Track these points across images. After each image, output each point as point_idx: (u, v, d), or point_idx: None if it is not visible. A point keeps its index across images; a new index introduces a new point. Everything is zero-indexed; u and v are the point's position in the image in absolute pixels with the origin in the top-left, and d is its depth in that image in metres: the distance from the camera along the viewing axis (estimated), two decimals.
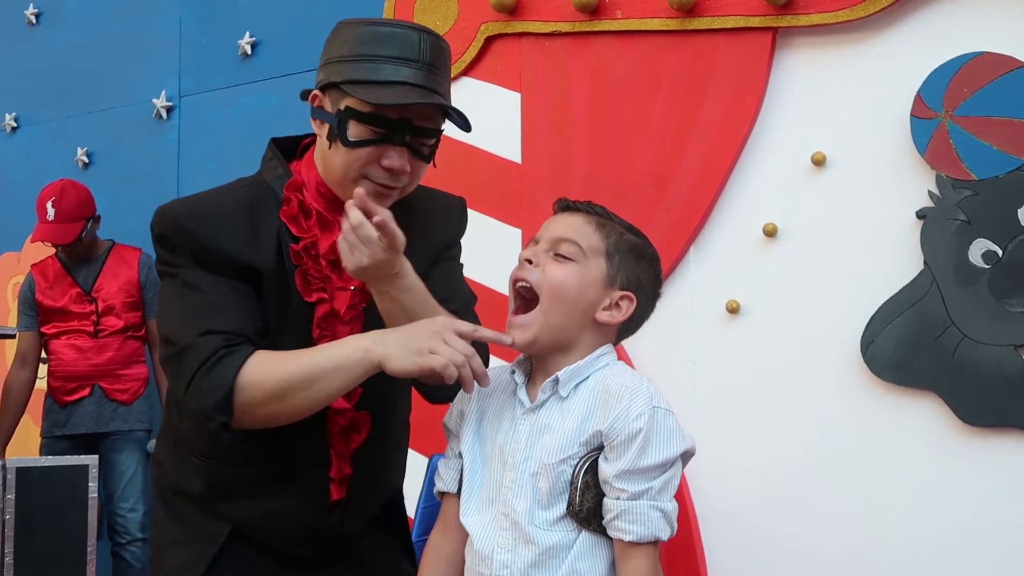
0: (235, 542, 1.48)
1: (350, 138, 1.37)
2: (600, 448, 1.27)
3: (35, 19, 4.35)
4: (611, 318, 1.34)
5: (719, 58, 2.48)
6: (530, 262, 1.34)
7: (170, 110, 3.85)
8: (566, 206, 1.41)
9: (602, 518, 1.26)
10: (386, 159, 1.37)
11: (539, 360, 1.37)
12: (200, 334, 1.33)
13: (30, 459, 3.03)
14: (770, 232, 2.41)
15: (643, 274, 1.37)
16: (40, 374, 3.50)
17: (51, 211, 3.35)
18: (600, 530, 1.27)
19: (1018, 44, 2.16)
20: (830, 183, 2.36)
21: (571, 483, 1.27)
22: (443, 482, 1.41)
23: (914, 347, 2.22)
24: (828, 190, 2.36)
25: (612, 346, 1.38)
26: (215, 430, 1.33)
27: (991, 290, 2.15)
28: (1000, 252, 2.16)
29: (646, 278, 1.38)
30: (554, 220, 1.39)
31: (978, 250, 2.17)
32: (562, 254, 1.34)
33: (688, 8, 2.49)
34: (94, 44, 4.12)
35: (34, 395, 3.51)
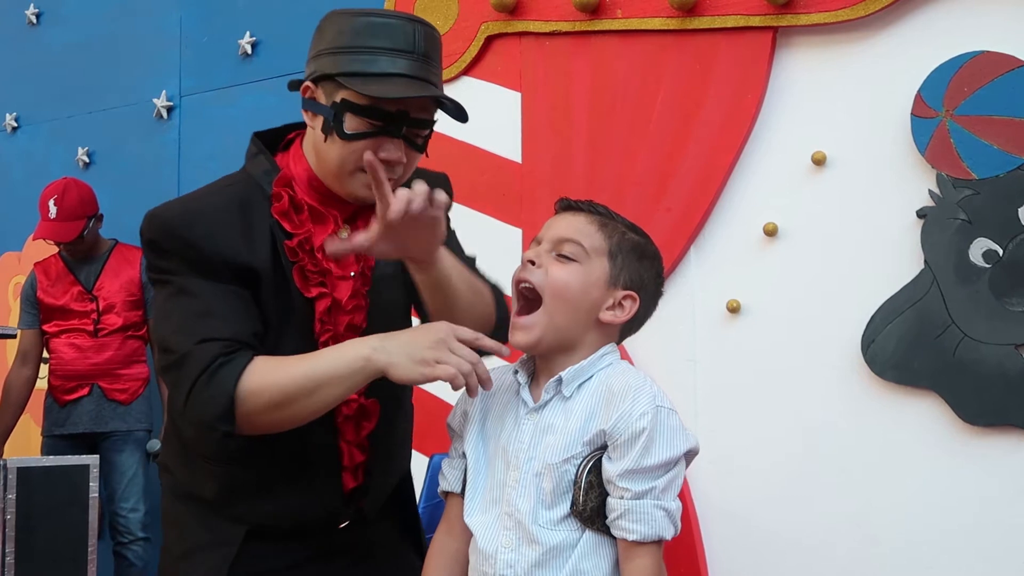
0: (252, 541, 1.46)
1: (346, 131, 1.35)
2: (604, 447, 1.27)
3: (35, 19, 4.34)
4: (614, 318, 1.35)
5: (719, 58, 2.48)
6: (533, 263, 1.34)
7: (170, 110, 3.84)
8: (568, 206, 1.40)
9: (606, 517, 1.26)
10: (383, 151, 1.35)
11: (542, 360, 1.37)
12: (197, 342, 1.31)
13: (31, 459, 3.02)
14: (770, 232, 2.41)
15: (646, 273, 1.37)
16: (42, 373, 3.50)
17: (53, 209, 3.35)
18: (604, 529, 1.27)
19: (1018, 43, 2.16)
20: (830, 183, 2.36)
21: (575, 483, 1.27)
22: (447, 482, 1.41)
23: (914, 346, 2.22)
24: (828, 190, 2.36)
25: (615, 345, 1.38)
26: (219, 438, 1.33)
27: (992, 289, 2.15)
28: (1000, 251, 2.16)
29: (649, 277, 1.38)
30: (556, 220, 1.39)
31: (978, 249, 2.17)
32: (565, 254, 1.34)
33: (688, 8, 2.49)
34: (94, 44, 4.11)
35: (35, 394, 3.51)
